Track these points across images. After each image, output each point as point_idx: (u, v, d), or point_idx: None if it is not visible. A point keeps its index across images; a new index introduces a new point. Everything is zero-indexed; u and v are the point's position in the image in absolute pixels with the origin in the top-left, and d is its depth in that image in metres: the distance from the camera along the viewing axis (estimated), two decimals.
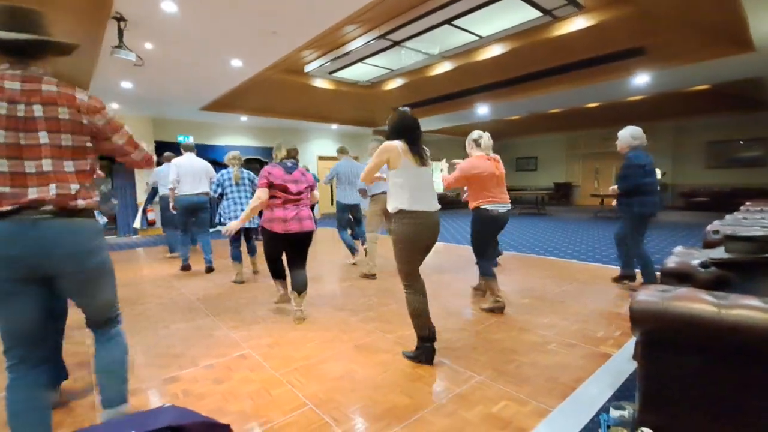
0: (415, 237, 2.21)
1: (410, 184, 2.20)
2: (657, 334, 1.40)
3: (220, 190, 4.25)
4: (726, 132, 11.03)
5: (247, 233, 4.58)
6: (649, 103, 9.08)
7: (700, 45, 5.43)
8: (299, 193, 3.02)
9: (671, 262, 1.98)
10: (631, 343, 2.43)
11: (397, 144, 2.20)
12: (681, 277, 1.90)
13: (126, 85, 6.39)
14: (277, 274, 3.34)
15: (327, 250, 6.38)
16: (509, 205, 3.27)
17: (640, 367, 1.48)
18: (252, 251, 4.73)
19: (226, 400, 1.95)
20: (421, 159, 2.24)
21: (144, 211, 7.92)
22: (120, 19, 3.98)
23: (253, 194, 4.33)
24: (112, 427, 0.63)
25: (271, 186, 2.95)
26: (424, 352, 2.29)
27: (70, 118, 1.32)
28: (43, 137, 1.27)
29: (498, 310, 3.16)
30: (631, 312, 1.43)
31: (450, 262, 5.21)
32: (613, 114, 10.17)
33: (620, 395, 1.91)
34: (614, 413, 1.61)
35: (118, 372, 1.55)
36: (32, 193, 1.27)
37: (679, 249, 2.23)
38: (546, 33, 5.51)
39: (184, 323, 3.08)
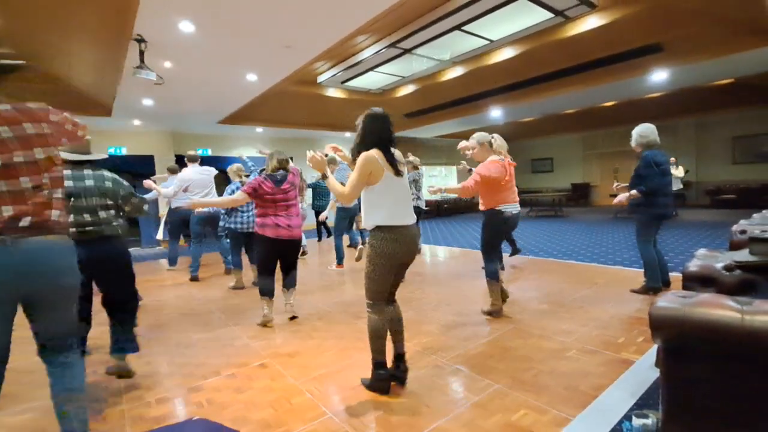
0: (393, 254, 2.01)
1: (391, 198, 2.04)
2: (678, 342, 1.37)
3: None
4: (753, 126, 10.63)
5: (248, 243, 4.50)
6: (668, 99, 8.84)
7: (722, 39, 5.27)
8: (287, 200, 3.26)
9: (693, 266, 1.93)
10: (653, 350, 2.37)
11: (377, 155, 2.01)
12: (704, 281, 1.85)
13: (147, 102, 6.63)
14: (267, 289, 3.24)
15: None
16: (519, 205, 3.29)
17: (662, 376, 1.45)
18: (254, 260, 4.60)
19: (248, 409, 2.00)
20: (397, 169, 2.07)
21: (166, 223, 8.14)
22: (140, 40, 4.15)
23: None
24: None
25: (258, 196, 3.14)
26: (379, 380, 2.09)
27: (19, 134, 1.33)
28: (18, 156, 1.31)
29: (495, 314, 3.18)
30: (651, 319, 1.41)
31: (465, 268, 5.17)
32: (631, 112, 9.94)
33: (643, 403, 1.86)
34: (637, 422, 1.58)
35: (78, 402, 1.47)
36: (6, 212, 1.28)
37: (702, 251, 2.17)
38: (558, 34, 5.45)
39: (205, 333, 3.16)
